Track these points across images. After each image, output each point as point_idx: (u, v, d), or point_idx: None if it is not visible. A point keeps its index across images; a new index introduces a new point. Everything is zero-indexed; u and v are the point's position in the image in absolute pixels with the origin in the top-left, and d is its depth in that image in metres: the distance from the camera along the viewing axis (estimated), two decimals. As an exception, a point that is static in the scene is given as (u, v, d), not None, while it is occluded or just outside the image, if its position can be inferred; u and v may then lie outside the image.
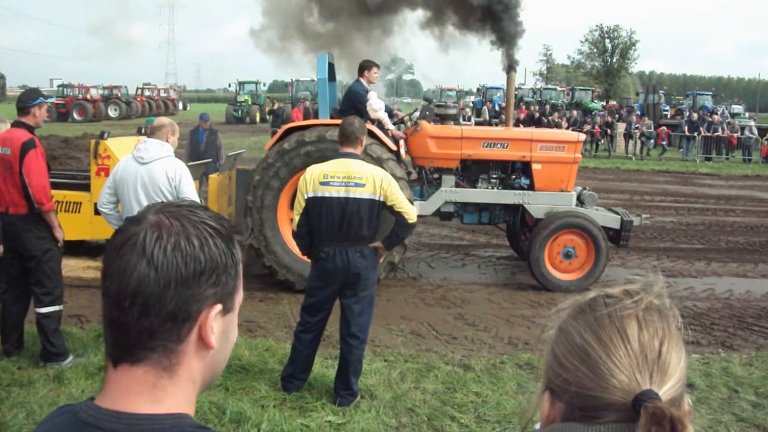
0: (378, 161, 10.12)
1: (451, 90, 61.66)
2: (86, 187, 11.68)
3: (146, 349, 1.38)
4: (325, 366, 7.54)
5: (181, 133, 8.85)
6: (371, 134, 10.53)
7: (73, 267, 11.01)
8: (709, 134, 35.65)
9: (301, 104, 37.11)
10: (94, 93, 57.45)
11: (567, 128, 29.81)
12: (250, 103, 54.78)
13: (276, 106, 37.92)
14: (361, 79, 11.38)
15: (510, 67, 12.59)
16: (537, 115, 38.85)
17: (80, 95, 56.13)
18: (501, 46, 12.49)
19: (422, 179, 11.75)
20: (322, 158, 9.59)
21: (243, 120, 53.13)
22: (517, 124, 34.56)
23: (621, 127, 36.80)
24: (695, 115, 38.06)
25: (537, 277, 11.25)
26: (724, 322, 10.01)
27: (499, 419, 6.54)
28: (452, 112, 13.01)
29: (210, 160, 15.21)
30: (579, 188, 12.13)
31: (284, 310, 9.86)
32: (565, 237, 11.19)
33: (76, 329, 8.66)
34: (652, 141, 36.03)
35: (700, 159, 34.62)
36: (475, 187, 11.80)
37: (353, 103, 11.13)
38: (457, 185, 11.70)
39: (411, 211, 6.71)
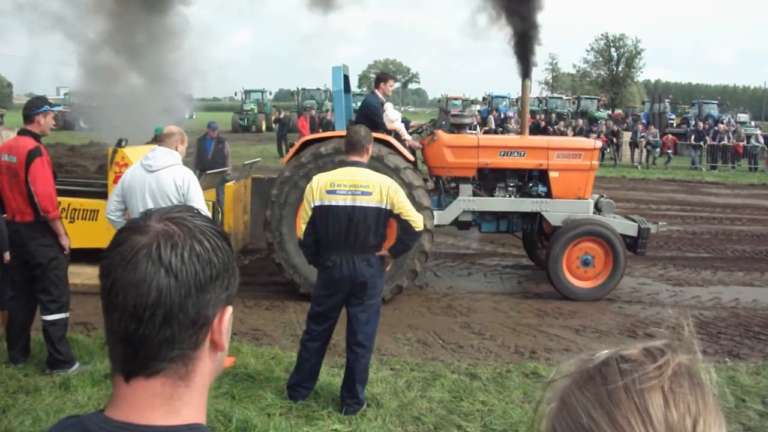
0: (395, 171, 10.21)
1: (456, 99, 61.66)
2: (103, 195, 11.62)
3: (165, 360, 1.37)
4: (331, 374, 7.54)
5: (189, 141, 8.87)
6: (388, 145, 10.59)
7: (90, 275, 11.01)
8: (715, 143, 35.65)
9: (306, 113, 37.13)
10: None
11: (572, 136, 29.79)
12: (256, 111, 54.77)
13: (282, 115, 37.98)
14: (377, 91, 11.45)
15: (526, 74, 12.61)
16: (543, 124, 38.81)
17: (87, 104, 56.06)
18: (518, 52, 12.53)
19: (439, 189, 11.73)
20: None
21: (249, 129, 53.13)
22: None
23: (627, 136, 36.75)
24: (701, 124, 38.08)
25: (555, 285, 11.22)
26: (731, 331, 9.98)
27: (505, 428, 6.53)
28: (468, 121, 13.06)
29: (227, 168, 15.25)
30: (596, 196, 12.13)
31: (290, 319, 9.86)
32: (584, 244, 11.18)
33: (82, 336, 8.67)
34: (658, 150, 36.01)
35: (706, 168, 34.58)
36: (493, 196, 11.79)
37: (368, 115, 11.14)
38: (474, 194, 11.70)
39: (418, 219, 6.70)
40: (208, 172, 11.42)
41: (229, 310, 1.45)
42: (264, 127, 53.45)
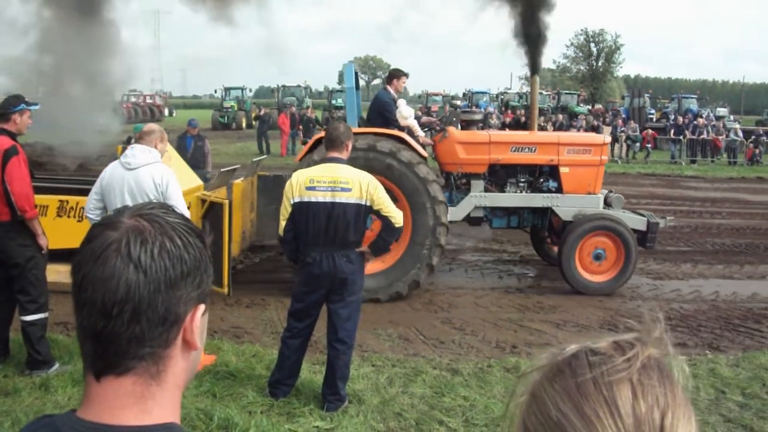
0: (409, 166, 10.29)
1: (437, 95, 61.68)
2: None
3: (135, 357, 1.35)
4: (312, 371, 7.52)
5: (168, 139, 8.82)
6: (402, 141, 10.63)
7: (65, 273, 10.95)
8: (694, 137, 35.86)
9: (287, 110, 37.05)
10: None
11: (553, 131, 29.87)
12: (236, 109, 54.59)
13: (262, 112, 37.84)
14: (389, 88, 11.47)
15: (534, 70, 12.82)
16: (523, 119, 38.90)
17: (65, 102, 55.70)
18: (526, 48, 12.61)
19: (450, 185, 11.73)
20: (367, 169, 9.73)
21: (229, 126, 52.93)
22: (502, 128, 34.65)
23: (607, 131, 36.89)
24: (680, 119, 38.28)
25: (568, 279, 11.30)
26: (711, 324, 10.04)
27: (486, 423, 6.54)
28: (477, 117, 13.17)
29: (238, 166, 15.25)
30: (605, 191, 12.20)
31: (271, 316, 9.84)
32: (596, 239, 11.26)
33: (62, 337, 8.61)
34: (638, 144, 36.18)
35: (685, 162, 34.77)
36: (504, 192, 11.84)
37: (380, 112, 11.20)
38: (485, 190, 11.72)
39: (398, 215, 6.70)
40: (222, 170, 11.38)
41: (201, 308, 1.43)
42: (244, 125, 53.28)
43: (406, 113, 11.40)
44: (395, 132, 10.78)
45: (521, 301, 10.96)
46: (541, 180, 11.93)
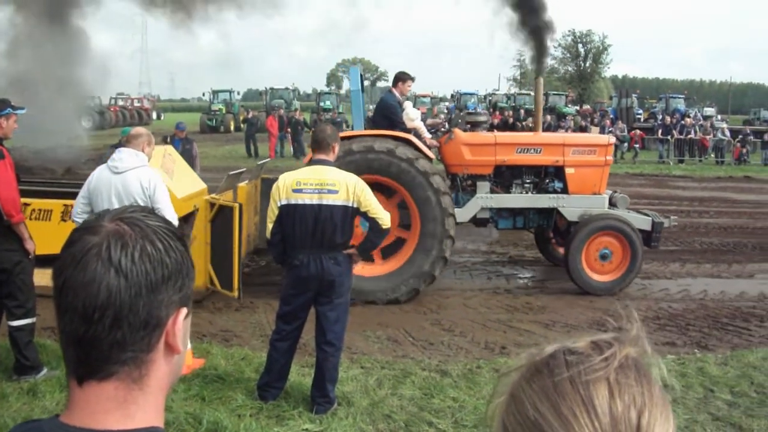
0: (408, 162, 10.40)
1: (425, 96, 61.60)
2: None
3: (117, 362, 1.35)
4: (301, 374, 7.51)
5: (156, 143, 8.81)
6: (409, 143, 10.67)
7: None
8: (682, 137, 35.98)
9: (275, 112, 36.97)
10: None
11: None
12: (224, 112, 54.46)
13: (250, 115, 37.80)
14: (394, 90, 11.48)
15: (539, 73, 12.88)
16: (511, 120, 38.95)
17: (52, 106, 55.53)
18: (534, 52, 12.70)
19: (456, 186, 11.75)
20: (361, 170, 9.71)
21: (217, 129, 52.83)
22: (490, 129, 34.66)
23: (595, 131, 36.97)
24: (668, 118, 38.40)
25: (575, 279, 11.33)
26: (699, 323, 10.06)
27: (476, 424, 6.54)
28: (482, 119, 13.22)
29: (244, 169, 15.21)
30: (609, 191, 12.24)
31: (260, 319, 9.82)
32: (602, 239, 11.31)
33: (50, 341, 8.57)
34: (626, 144, 36.26)
35: (673, 161, 34.88)
36: (509, 193, 11.87)
37: (386, 114, 11.21)
38: (491, 191, 11.75)
39: (385, 217, 6.70)
40: (230, 173, 11.37)
41: (184, 311, 1.42)
42: (232, 128, 53.15)
43: (413, 115, 11.46)
44: (403, 134, 10.82)
45: (510, 301, 10.98)
46: (547, 181, 11.95)
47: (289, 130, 34.80)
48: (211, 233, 10.32)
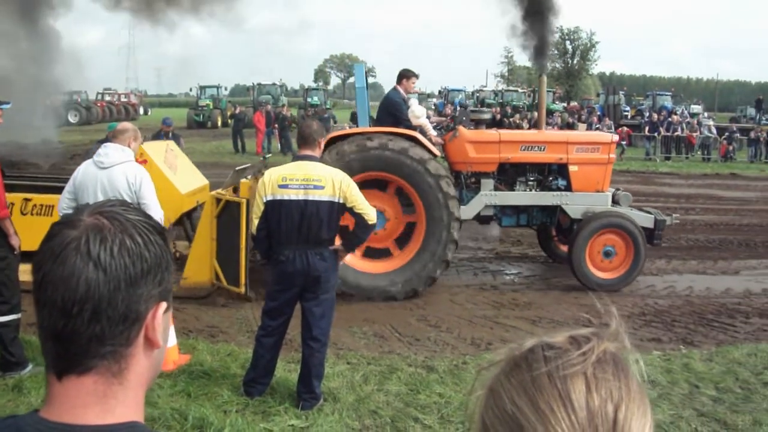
0: (420, 162, 10.44)
1: (413, 92, 61.63)
2: None
3: (96, 356, 1.35)
4: (287, 370, 7.51)
5: (143, 138, 8.77)
6: (415, 140, 10.70)
7: None
8: (668, 134, 36.10)
9: (262, 108, 36.88)
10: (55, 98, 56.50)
11: (528, 129, 29.98)
12: (211, 107, 54.24)
13: (238, 111, 37.71)
14: (399, 88, 11.51)
15: (542, 71, 12.95)
16: (498, 116, 38.97)
17: (38, 101, 55.20)
18: (535, 51, 12.74)
19: (460, 184, 11.75)
20: (365, 168, 10.12)
21: (204, 125, 52.61)
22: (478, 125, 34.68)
23: (582, 128, 37.04)
24: (655, 116, 38.52)
25: (578, 276, 11.38)
26: (685, 319, 10.11)
27: (462, 419, 6.54)
28: (486, 117, 13.27)
29: (249, 165, 15.15)
30: (612, 189, 12.30)
31: (246, 315, 9.79)
32: (606, 236, 11.37)
33: (35, 338, 8.48)
34: (613, 141, 36.28)
35: (660, 158, 34.98)
36: (513, 190, 11.89)
37: (390, 111, 11.26)
38: (495, 188, 11.77)
39: (371, 213, 6.70)
40: (237, 168, 11.35)
41: (163, 305, 1.42)
42: (219, 123, 52.94)
43: (418, 112, 11.45)
44: (408, 131, 10.84)
45: (496, 297, 10.99)
46: (551, 178, 11.99)
47: (276, 125, 34.75)
48: (217, 229, 10.31)
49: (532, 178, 11.95)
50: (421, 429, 6.42)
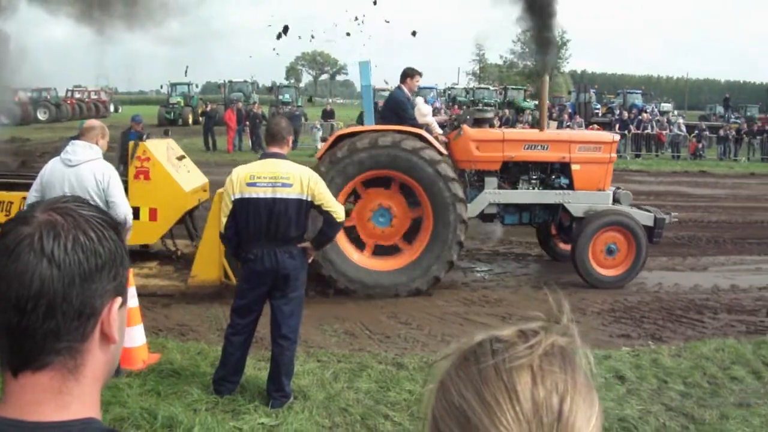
0: (430, 163, 10.50)
1: (384, 90, 61.49)
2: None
3: (51, 352, 1.35)
4: (257, 368, 7.49)
5: (112, 136, 8.70)
6: (422, 138, 10.79)
7: None
8: (639, 132, 36.35)
9: (234, 106, 36.74)
10: (22, 95, 55.88)
11: (499, 127, 30.08)
12: (182, 105, 53.90)
13: (209, 108, 37.53)
14: (403, 86, 11.60)
15: (544, 71, 13.18)
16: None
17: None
18: (539, 51, 12.83)
19: (464, 182, 11.79)
20: (375, 165, 10.27)
21: (175, 122, 52.17)
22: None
23: (553, 126, 37.12)
24: (626, 113, 38.77)
25: (582, 273, 11.51)
26: (654, 315, 10.19)
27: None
28: (489, 116, 13.38)
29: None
30: (613, 188, 12.43)
31: (216, 313, 9.74)
32: (608, 234, 11.50)
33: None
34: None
35: (630, 156, 35.21)
36: (516, 189, 11.98)
37: (395, 110, 11.32)
38: (499, 187, 11.85)
39: (339, 210, 6.71)
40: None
41: (118, 300, 1.42)
42: (191, 121, 52.56)
43: (424, 111, 11.75)
44: (414, 129, 10.91)
45: (467, 295, 11.02)
46: (553, 177, 12.11)
47: (247, 123, 34.65)
48: None
49: (534, 177, 12.07)
50: (391, 426, 6.42)
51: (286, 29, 23.38)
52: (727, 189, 25.27)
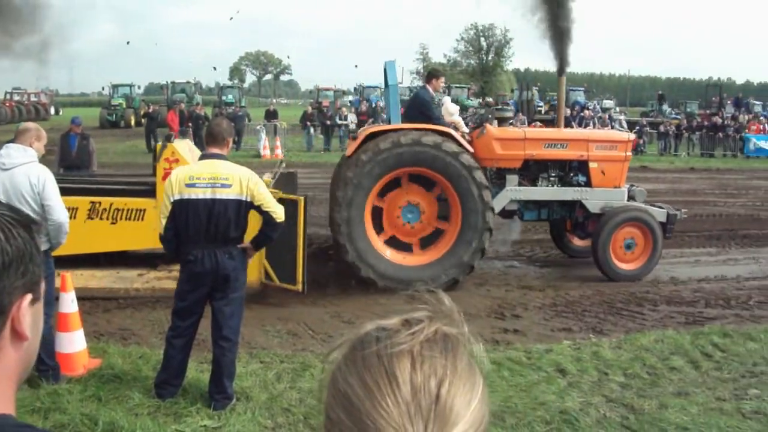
0: (454, 156, 10.81)
1: (328, 90, 61.37)
2: (151, 193, 11.00)
3: None
4: (199, 370, 7.44)
5: (52, 138, 8.57)
6: (449, 136, 11.06)
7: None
8: (581, 128, 36.72)
9: (176, 107, 36.42)
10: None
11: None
12: (124, 106, 53.29)
13: (151, 110, 37.19)
14: (428, 86, 11.89)
15: (561, 71, 13.29)
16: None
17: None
18: (556, 44, 12.92)
19: (487, 179, 11.86)
20: (399, 163, 10.60)
21: (118, 124, 51.66)
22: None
23: (495, 124, 37.35)
24: (568, 111, 39.18)
25: (602, 268, 11.88)
26: (595, 309, 10.36)
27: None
28: (509, 115, 13.75)
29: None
30: (627, 185, 12.68)
31: (158, 316, 9.65)
32: (626, 229, 11.89)
33: None
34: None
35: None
36: (535, 186, 12.22)
37: (420, 110, 11.50)
38: (519, 184, 12.07)
39: (279, 211, 6.70)
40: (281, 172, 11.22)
41: (28, 297, 1.41)
42: (133, 122, 52.00)
43: (452, 110, 12.13)
44: (443, 128, 11.16)
45: (408, 292, 11.02)
46: (571, 174, 12.38)
47: (190, 124, 34.38)
48: None
49: (553, 174, 12.33)
50: (333, 425, 6.42)
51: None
52: (667, 183, 25.72)
